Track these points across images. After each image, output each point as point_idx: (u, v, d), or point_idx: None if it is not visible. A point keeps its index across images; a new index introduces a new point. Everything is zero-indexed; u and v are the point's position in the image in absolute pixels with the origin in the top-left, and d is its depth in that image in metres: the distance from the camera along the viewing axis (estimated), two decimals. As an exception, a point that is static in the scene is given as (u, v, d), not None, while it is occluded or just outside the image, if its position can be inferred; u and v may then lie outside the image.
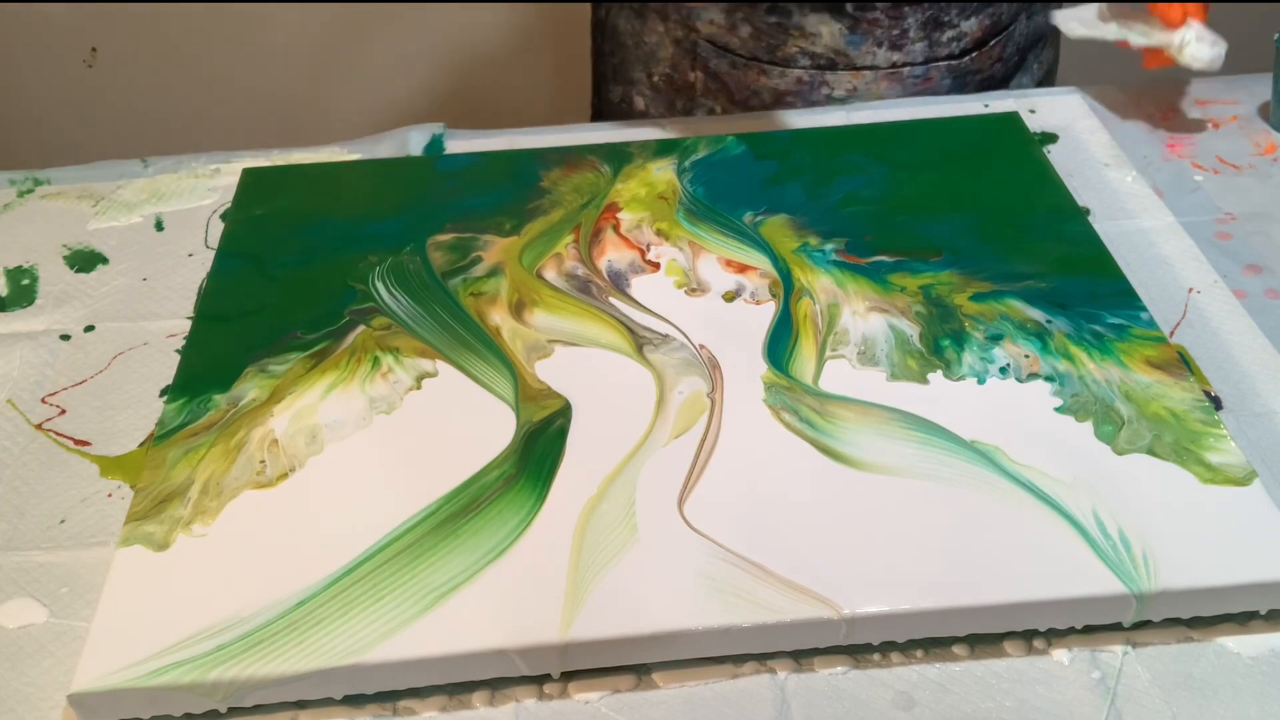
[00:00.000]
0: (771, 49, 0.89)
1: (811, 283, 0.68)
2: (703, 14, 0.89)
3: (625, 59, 0.96)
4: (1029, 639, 0.52)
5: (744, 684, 0.51)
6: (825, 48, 0.88)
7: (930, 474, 0.56)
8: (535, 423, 0.60)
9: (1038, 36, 0.96)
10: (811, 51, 0.88)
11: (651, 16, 0.92)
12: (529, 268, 0.71)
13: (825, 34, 0.87)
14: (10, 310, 0.73)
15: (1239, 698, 0.50)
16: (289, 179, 0.81)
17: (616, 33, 0.96)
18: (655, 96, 0.96)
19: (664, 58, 0.93)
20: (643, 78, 0.95)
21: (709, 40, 0.90)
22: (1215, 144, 0.84)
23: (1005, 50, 0.92)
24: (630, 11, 0.94)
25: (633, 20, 0.94)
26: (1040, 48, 0.97)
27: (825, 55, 0.88)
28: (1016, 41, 0.93)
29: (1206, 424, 0.58)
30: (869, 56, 0.88)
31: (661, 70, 0.93)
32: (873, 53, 0.88)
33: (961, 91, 0.92)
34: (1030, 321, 0.65)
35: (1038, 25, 0.96)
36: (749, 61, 0.90)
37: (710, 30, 0.90)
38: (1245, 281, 0.71)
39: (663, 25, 0.92)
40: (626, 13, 0.94)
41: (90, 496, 0.60)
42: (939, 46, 0.89)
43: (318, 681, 0.50)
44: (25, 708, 0.51)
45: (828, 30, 0.86)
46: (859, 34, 0.87)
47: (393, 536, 0.54)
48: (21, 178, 0.84)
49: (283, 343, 0.66)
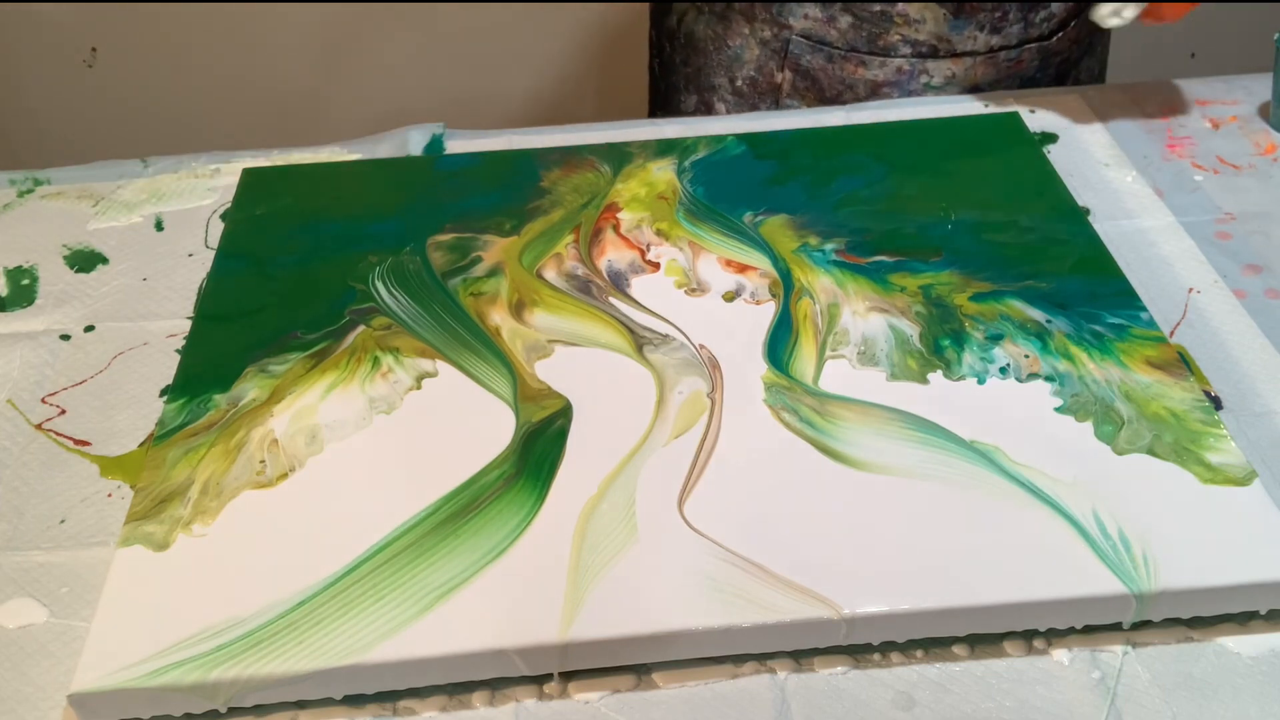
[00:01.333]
0: (872, 38, 0.88)
1: (811, 283, 0.68)
2: (797, 9, 0.88)
3: (703, 65, 0.95)
4: (1029, 639, 0.52)
5: (744, 684, 0.51)
6: (929, 34, 0.87)
7: (930, 474, 0.56)
8: (535, 423, 0.60)
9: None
10: (914, 39, 0.88)
11: (736, 19, 0.91)
12: (529, 268, 0.71)
13: (929, 20, 0.87)
14: (10, 310, 0.73)
15: (1239, 698, 0.50)
16: (289, 179, 0.81)
17: (694, 40, 0.95)
18: (738, 101, 0.95)
19: (749, 60, 0.92)
20: (724, 82, 0.94)
21: (804, 36, 0.90)
22: (1215, 144, 0.84)
23: (1080, 32, 0.93)
24: (711, 16, 0.93)
25: (714, 25, 0.93)
26: (1103, 30, 0.98)
27: (927, 43, 0.88)
28: (1087, 23, 0.94)
29: (1206, 424, 0.58)
30: (970, 41, 0.88)
31: (745, 74, 0.93)
32: (974, 37, 0.88)
33: (1044, 73, 0.92)
34: (1030, 321, 0.65)
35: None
36: (847, 54, 0.89)
37: (805, 25, 0.89)
38: (1245, 281, 0.71)
39: (748, 27, 0.91)
40: (706, 17, 0.93)
41: (90, 496, 0.60)
42: (1033, 27, 0.89)
43: (318, 681, 0.50)
44: (25, 708, 0.51)
45: (932, 16, 0.86)
46: (963, 18, 0.87)
47: (393, 536, 0.54)
48: (21, 178, 0.84)
49: (283, 343, 0.66)
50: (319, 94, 1.69)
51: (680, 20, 0.96)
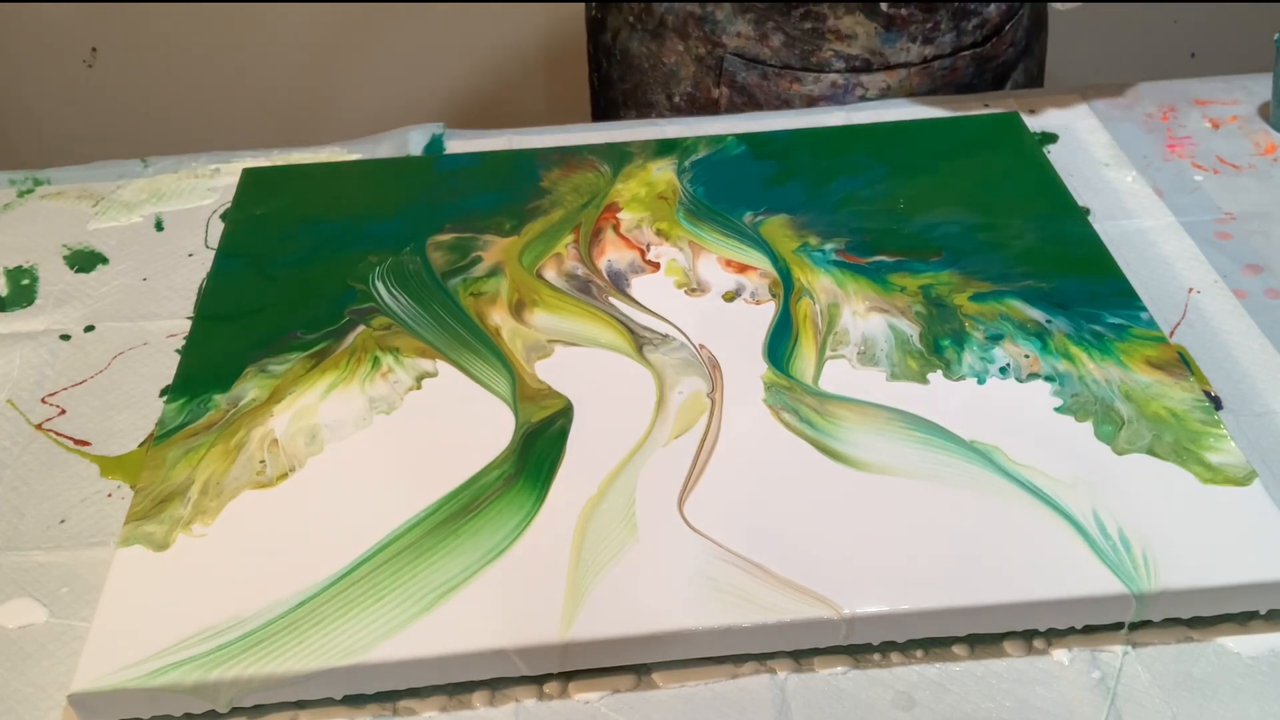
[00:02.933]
0: (805, 55, 0.88)
1: (811, 283, 0.68)
2: (729, 27, 0.88)
3: (640, 82, 0.95)
4: (1029, 639, 0.52)
5: (744, 684, 0.51)
6: (861, 49, 0.87)
7: (930, 474, 0.56)
8: (535, 423, 0.60)
9: (1039, 20, 0.97)
10: (846, 54, 0.88)
11: (669, 36, 0.91)
12: (529, 268, 0.71)
13: (861, 34, 0.86)
14: (10, 310, 0.73)
15: (1239, 698, 0.50)
16: (289, 179, 0.81)
17: (629, 56, 0.95)
18: (676, 117, 0.94)
19: (685, 77, 0.91)
20: (662, 99, 0.93)
21: (737, 53, 0.89)
22: (1215, 144, 0.84)
23: (1016, 34, 0.93)
24: (644, 33, 0.92)
25: (648, 42, 0.92)
26: (1040, 30, 0.98)
27: (860, 56, 0.88)
28: (1024, 25, 0.94)
29: (1206, 424, 0.58)
30: (903, 53, 0.88)
31: (683, 90, 0.92)
32: (907, 49, 0.88)
33: (981, 79, 0.92)
34: (1030, 321, 0.65)
35: (1038, 10, 0.96)
36: (781, 70, 0.89)
37: (738, 43, 0.89)
38: (1245, 281, 0.71)
39: (683, 44, 0.90)
40: (640, 35, 0.93)
41: (90, 496, 0.60)
42: (965, 35, 0.89)
43: (318, 681, 0.50)
44: (25, 708, 0.51)
45: (863, 30, 0.86)
46: (894, 31, 0.87)
47: (393, 536, 0.54)
48: (21, 178, 0.84)
49: (283, 343, 0.66)
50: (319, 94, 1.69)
51: (615, 37, 0.95)
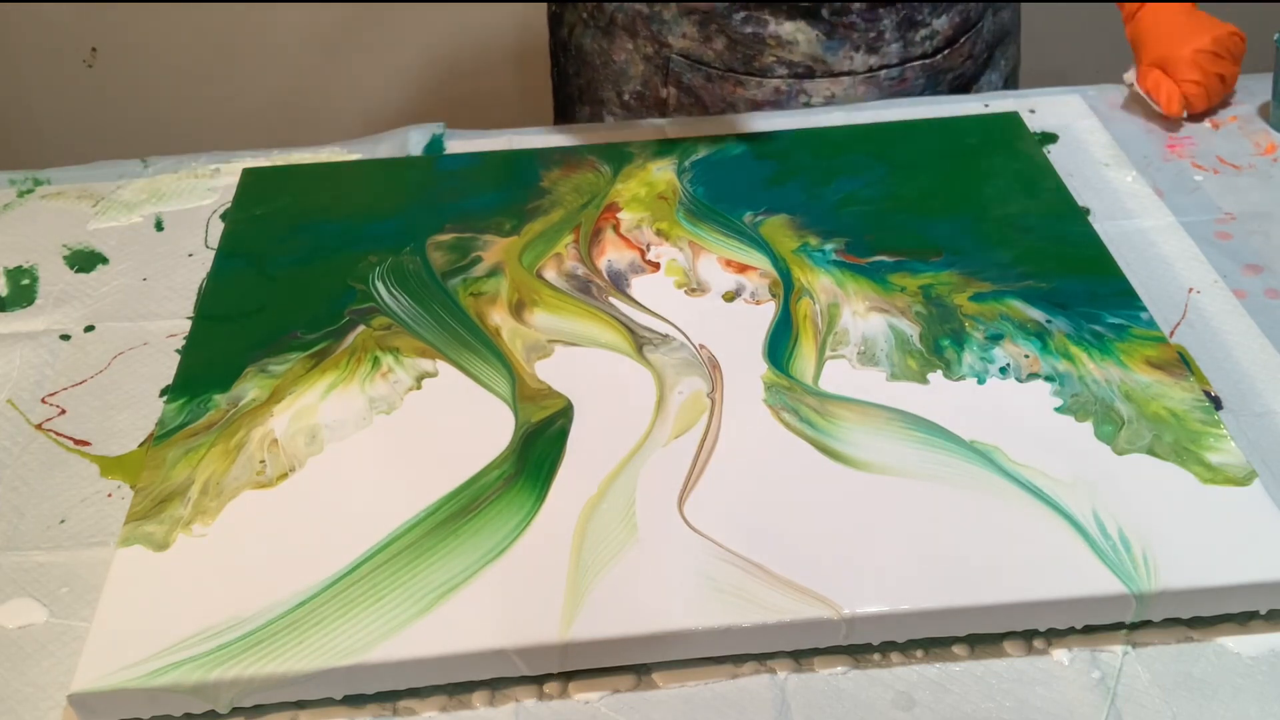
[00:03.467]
0: (748, 60, 0.88)
1: (811, 283, 0.68)
2: (675, 28, 0.88)
3: (593, 79, 0.95)
4: (1029, 639, 0.52)
5: (744, 684, 0.51)
6: (803, 55, 0.87)
7: (930, 474, 0.56)
8: (535, 423, 0.60)
9: (1004, 33, 0.96)
10: (789, 60, 0.87)
11: (619, 34, 0.91)
12: (529, 268, 0.71)
13: (802, 41, 0.86)
14: (10, 310, 0.73)
15: (1239, 698, 0.50)
16: (289, 179, 0.81)
17: (582, 53, 0.95)
18: (626, 115, 0.94)
19: (634, 75, 0.91)
20: (613, 97, 0.94)
21: (682, 55, 0.89)
22: (1215, 144, 0.84)
23: (975, 47, 0.92)
24: (596, 30, 0.92)
25: (599, 39, 0.92)
26: (1006, 44, 0.97)
27: (803, 63, 0.88)
28: (985, 39, 0.93)
29: (1206, 424, 0.58)
30: (846, 62, 0.88)
31: (632, 88, 0.92)
32: (850, 57, 0.87)
33: (935, 91, 0.91)
34: (1030, 321, 0.65)
35: (1003, 21, 0.95)
36: (724, 74, 0.89)
37: (683, 44, 0.89)
38: (1245, 281, 0.71)
39: (631, 43, 0.90)
40: (592, 32, 0.93)
41: (90, 496, 0.60)
42: (913, 46, 0.88)
43: (318, 681, 0.50)
44: (25, 708, 0.51)
45: (804, 38, 0.86)
46: (836, 39, 0.86)
47: (393, 536, 0.54)
48: (21, 178, 0.84)
49: (283, 343, 0.66)
50: (319, 94, 1.68)
51: (570, 32, 0.96)
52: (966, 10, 0.90)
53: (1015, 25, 0.98)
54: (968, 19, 0.90)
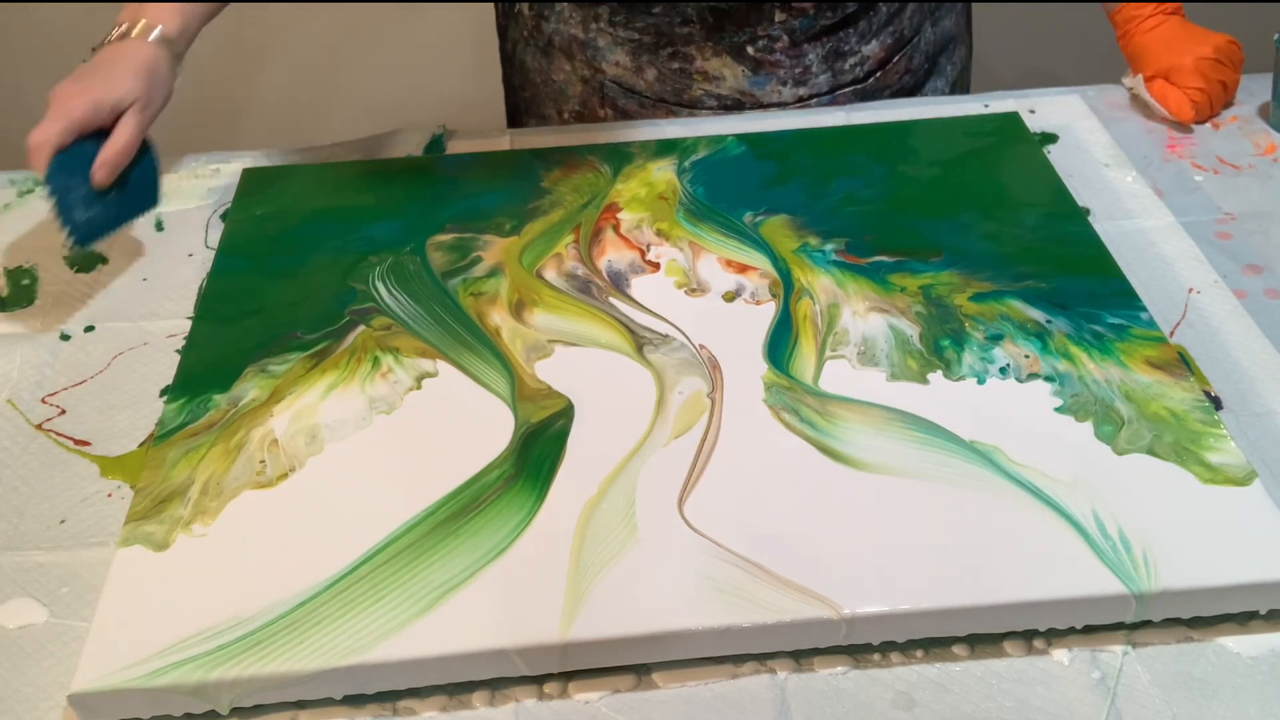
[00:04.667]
0: (677, 92, 0.88)
1: (811, 283, 0.68)
2: (608, 55, 0.88)
3: (535, 94, 0.95)
4: (1029, 639, 0.52)
5: (744, 684, 0.51)
6: (730, 90, 0.87)
7: (930, 474, 0.56)
8: (535, 423, 0.60)
9: (947, 40, 0.95)
10: (717, 94, 0.87)
11: (557, 56, 0.91)
12: (529, 268, 0.71)
13: (729, 77, 0.86)
14: (10, 310, 0.73)
15: (1239, 698, 0.50)
16: (289, 179, 0.81)
17: (525, 69, 0.95)
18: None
19: (573, 95, 0.92)
20: (554, 114, 0.94)
21: (615, 82, 0.89)
22: (1215, 144, 0.84)
23: (913, 61, 0.92)
24: (536, 49, 0.92)
25: (539, 58, 0.92)
26: (952, 49, 0.96)
27: (731, 97, 0.88)
28: (924, 51, 0.92)
29: (1206, 424, 0.58)
30: (775, 95, 0.88)
31: (571, 107, 0.92)
32: (778, 91, 0.87)
33: None
34: (1030, 321, 0.65)
35: (945, 29, 0.94)
36: (656, 103, 0.89)
37: (616, 72, 0.89)
38: (1245, 281, 0.71)
39: (569, 64, 0.90)
40: (532, 50, 0.93)
41: (90, 496, 0.60)
42: (842, 74, 0.88)
43: (318, 681, 0.50)
44: (25, 708, 0.51)
45: (731, 73, 0.86)
46: (762, 74, 0.86)
47: (393, 536, 0.54)
48: (21, 178, 0.84)
49: (283, 343, 0.66)
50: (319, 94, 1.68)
51: (514, 48, 0.95)
52: (899, 30, 0.89)
53: (962, 28, 0.97)
54: (900, 38, 0.90)
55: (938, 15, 0.93)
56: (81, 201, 0.70)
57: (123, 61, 0.73)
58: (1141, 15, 0.86)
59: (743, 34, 0.84)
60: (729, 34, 0.84)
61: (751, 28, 0.84)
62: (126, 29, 0.76)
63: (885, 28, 0.88)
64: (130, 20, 0.76)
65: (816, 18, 0.85)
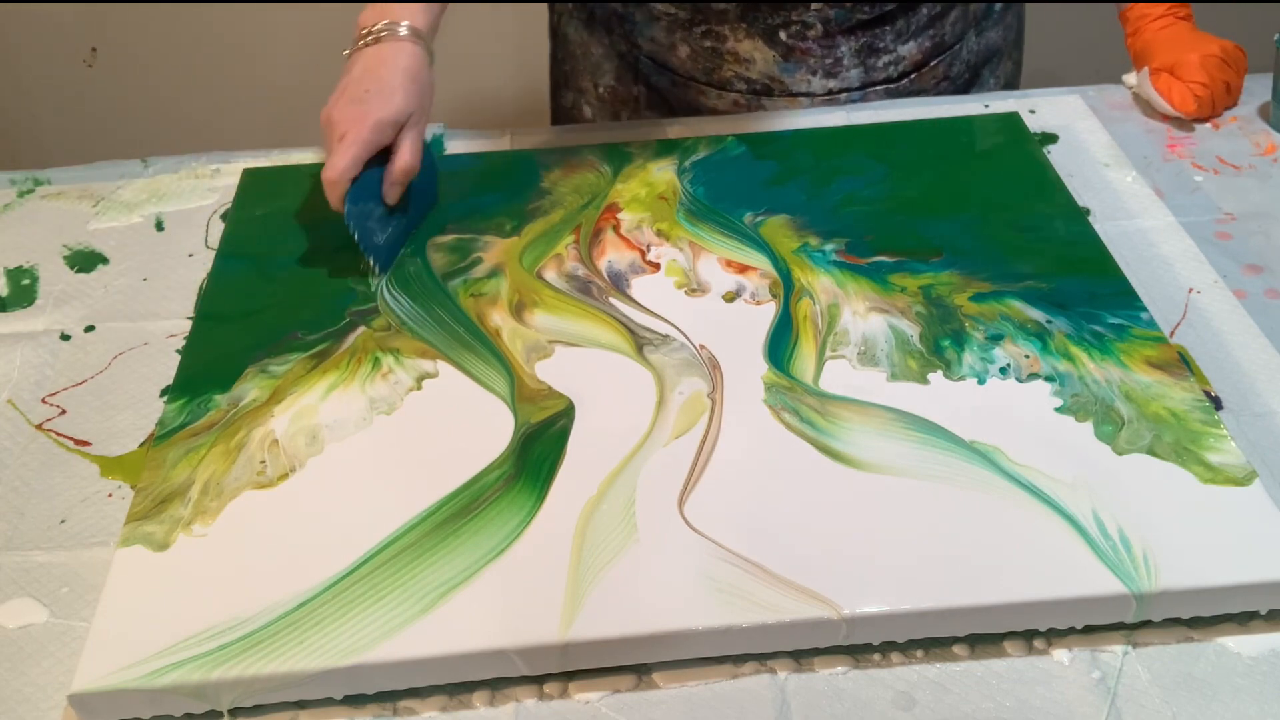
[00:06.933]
0: (708, 71, 0.88)
1: (812, 283, 0.68)
2: (645, 30, 0.88)
3: (575, 67, 0.95)
4: (1029, 639, 0.52)
5: (744, 684, 0.51)
6: (760, 74, 0.87)
7: (930, 474, 0.56)
8: (535, 423, 0.60)
9: (992, 52, 0.94)
10: (746, 76, 0.87)
11: (598, 28, 0.91)
12: (529, 268, 0.71)
13: (759, 60, 0.86)
14: (10, 310, 0.73)
15: (1239, 698, 0.50)
16: (289, 179, 0.81)
17: (567, 41, 0.95)
18: (600, 107, 0.95)
19: (608, 70, 0.92)
20: (590, 87, 0.94)
21: (650, 57, 0.89)
22: (1215, 144, 0.84)
23: (952, 69, 0.91)
24: (579, 22, 0.93)
25: (581, 30, 0.93)
26: (996, 62, 0.95)
27: (760, 81, 0.88)
28: (965, 60, 0.92)
29: (1206, 424, 0.58)
30: (804, 84, 0.88)
31: (606, 82, 0.93)
32: (807, 80, 0.87)
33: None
34: (1030, 322, 0.65)
35: (991, 41, 0.94)
36: (688, 81, 0.89)
37: (651, 47, 0.89)
38: (1245, 281, 0.71)
39: (608, 38, 0.91)
40: (575, 23, 0.93)
41: (90, 496, 0.60)
42: (875, 71, 0.88)
43: (318, 681, 0.50)
44: (25, 708, 0.51)
45: (761, 57, 0.86)
46: (792, 61, 0.86)
47: (393, 537, 0.54)
48: (21, 178, 0.84)
49: (283, 343, 0.66)
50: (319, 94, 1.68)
51: (559, 20, 0.96)
52: (939, 34, 0.89)
53: (1010, 42, 0.96)
54: (941, 42, 0.89)
55: (983, 25, 0.92)
56: (378, 225, 0.71)
57: (388, 72, 0.71)
58: (1153, 14, 0.87)
59: (776, 18, 0.84)
60: (763, 17, 0.84)
61: (786, 13, 0.84)
62: (381, 31, 0.73)
63: (925, 30, 0.88)
64: (381, 21, 0.73)
65: (853, 11, 0.85)
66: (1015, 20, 0.96)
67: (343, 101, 0.71)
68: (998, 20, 0.93)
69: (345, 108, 0.70)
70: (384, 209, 0.71)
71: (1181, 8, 0.87)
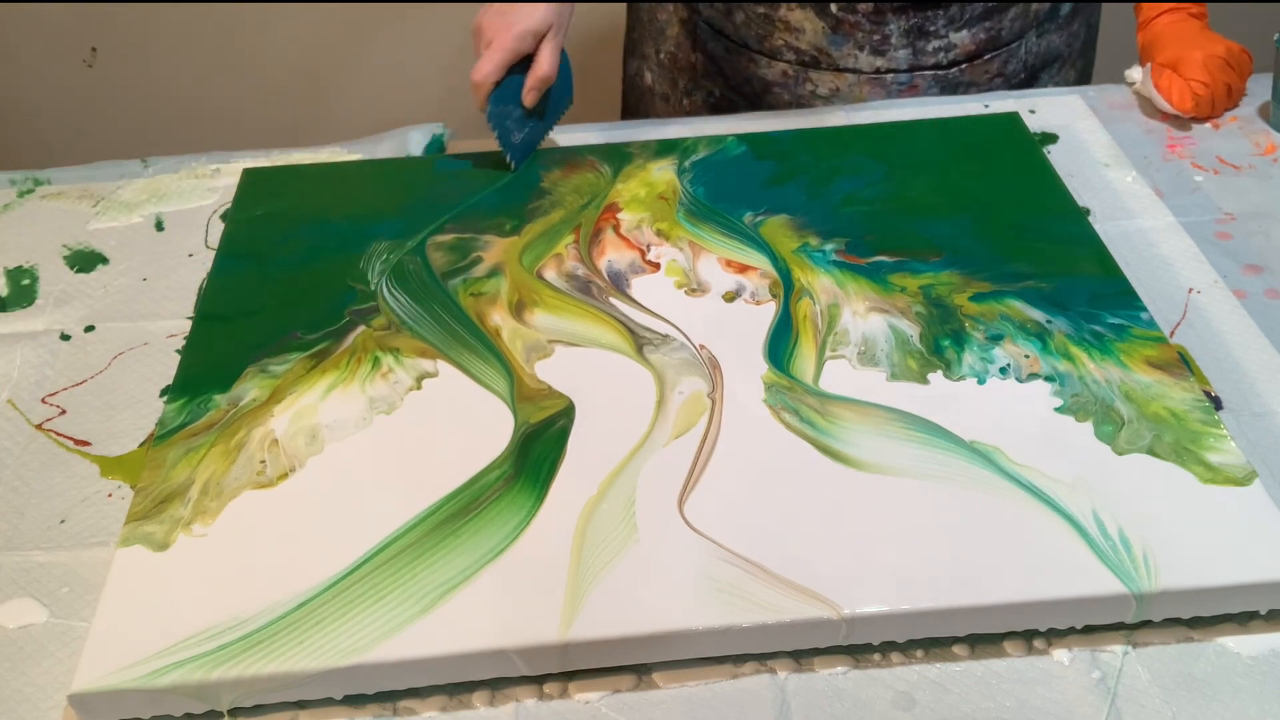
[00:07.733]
0: (760, 38, 0.89)
1: (812, 283, 0.68)
2: None
3: (641, 34, 0.99)
4: (1029, 639, 0.52)
5: (744, 684, 0.51)
6: (809, 44, 0.88)
7: (930, 474, 0.56)
8: (534, 423, 0.60)
9: (1053, 56, 0.94)
10: (796, 46, 0.88)
11: None
12: (529, 268, 0.71)
13: (809, 30, 0.87)
14: (10, 310, 0.73)
15: (1239, 698, 0.50)
16: (289, 179, 0.81)
17: (636, 9, 0.99)
18: (661, 73, 0.97)
19: (671, 35, 0.95)
20: (652, 53, 0.97)
21: (708, 22, 0.92)
22: (1215, 144, 0.84)
23: (1008, 67, 0.91)
24: None
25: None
26: (1057, 68, 0.95)
27: (809, 52, 0.88)
28: (1022, 59, 0.91)
29: (1206, 424, 0.58)
30: (851, 59, 0.88)
31: (667, 49, 0.95)
32: (854, 55, 0.88)
33: None
34: (1030, 322, 0.65)
35: (1052, 45, 0.93)
36: (740, 48, 0.91)
37: (710, 13, 0.91)
38: (1245, 281, 0.71)
39: (672, 5, 0.93)
40: None
41: (90, 496, 0.60)
42: (924, 55, 0.88)
43: (318, 681, 0.50)
44: (25, 708, 0.51)
45: (811, 27, 0.87)
46: (841, 34, 0.87)
47: (393, 536, 0.54)
48: (21, 178, 0.84)
49: (283, 343, 0.66)
50: (319, 94, 1.68)
51: None
52: (996, 28, 0.89)
53: (1075, 50, 0.95)
54: (997, 37, 0.89)
55: (1045, 27, 0.92)
56: (515, 125, 0.79)
57: None
58: (1167, 9, 0.88)
59: None
60: None
61: None
62: None
63: (980, 21, 0.88)
64: None
65: None
66: (1083, 28, 0.95)
67: (491, 11, 0.79)
68: (1063, 25, 0.93)
69: (493, 17, 0.78)
70: (522, 111, 0.79)
71: (1196, 6, 0.87)
